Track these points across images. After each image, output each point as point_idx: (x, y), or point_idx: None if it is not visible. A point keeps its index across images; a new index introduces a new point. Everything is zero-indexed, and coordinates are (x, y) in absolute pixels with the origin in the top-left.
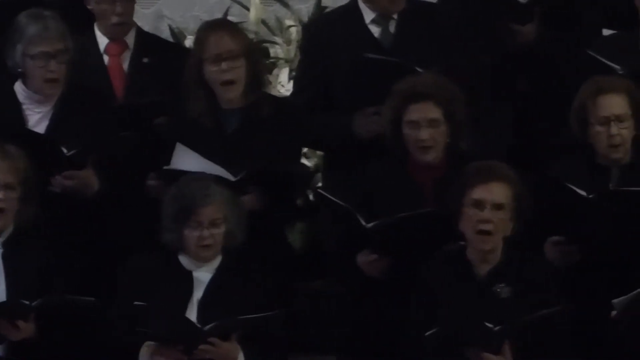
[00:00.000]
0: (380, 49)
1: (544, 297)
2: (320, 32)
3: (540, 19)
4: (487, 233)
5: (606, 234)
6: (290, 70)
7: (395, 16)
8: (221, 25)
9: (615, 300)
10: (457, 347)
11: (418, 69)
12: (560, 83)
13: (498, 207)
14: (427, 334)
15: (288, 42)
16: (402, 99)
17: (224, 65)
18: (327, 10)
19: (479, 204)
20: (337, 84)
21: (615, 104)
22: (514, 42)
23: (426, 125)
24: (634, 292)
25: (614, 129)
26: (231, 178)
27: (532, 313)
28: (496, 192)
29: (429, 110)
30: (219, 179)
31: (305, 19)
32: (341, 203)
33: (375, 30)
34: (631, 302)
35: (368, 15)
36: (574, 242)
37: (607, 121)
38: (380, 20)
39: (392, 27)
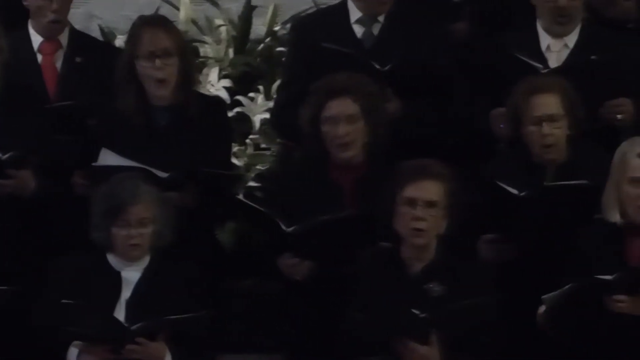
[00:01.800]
0: (361, 49)
1: (477, 294)
2: (307, 29)
3: (472, 17)
4: (420, 231)
5: (539, 231)
6: (220, 70)
7: (381, 18)
8: (157, 21)
9: (544, 296)
10: (385, 336)
11: (375, 65)
12: (493, 81)
13: (431, 204)
14: (354, 320)
15: (218, 41)
16: (320, 95)
17: (157, 62)
18: (322, 5)
19: (411, 202)
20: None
21: (548, 103)
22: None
23: (344, 121)
24: (563, 288)
25: (547, 129)
26: (161, 174)
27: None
28: (429, 189)
29: (347, 106)
30: (149, 176)
31: (235, 18)
32: (261, 209)
33: (359, 31)
34: (560, 298)
35: (354, 15)
36: (508, 239)
37: (539, 121)
38: (365, 20)
39: (376, 29)
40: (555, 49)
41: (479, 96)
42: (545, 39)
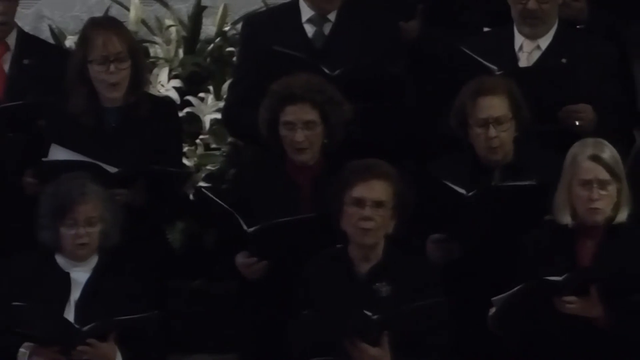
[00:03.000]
0: (311, 49)
1: (425, 294)
2: (258, 27)
3: (424, 15)
4: (368, 230)
5: (486, 231)
6: (170, 70)
7: (332, 17)
8: (110, 25)
9: (494, 298)
10: (335, 336)
11: (324, 69)
12: (444, 81)
13: (378, 204)
14: (304, 319)
15: (168, 41)
16: (278, 99)
17: (112, 67)
18: (271, 5)
19: (359, 202)
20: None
21: (494, 105)
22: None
23: (301, 127)
24: (513, 289)
25: (492, 132)
26: (112, 169)
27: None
28: (376, 189)
29: (305, 112)
30: (99, 173)
31: (185, 18)
32: (224, 205)
33: (310, 30)
34: (510, 299)
35: (306, 14)
36: (455, 239)
37: (485, 123)
38: (316, 19)
39: (327, 29)
40: (527, 50)
41: (432, 96)
42: (519, 39)
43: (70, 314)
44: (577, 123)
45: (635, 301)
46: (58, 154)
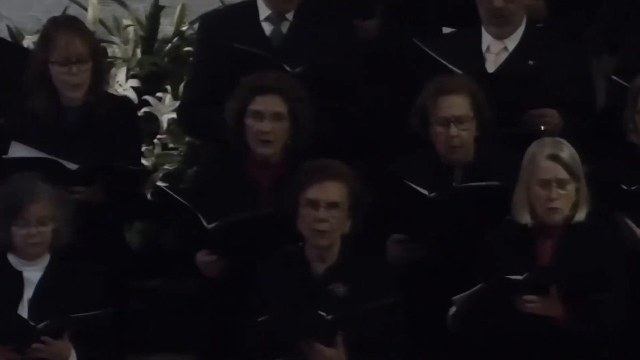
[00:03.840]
0: (270, 47)
1: (381, 294)
2: (215, 26)
3: (383, 14)
4: (322, 232)
5: (448, 231)
6: (128, 70)
7: (290, 16)
8: (71, 25)
9: (455, 297)
10: (290, 337)
11: (285, 67)
12: (404, 80)
13: (333, 205)
14: (260, 320)
15: (125, 41)
16: (249, 90)
17: (74, 69)
18: (228, 2)
19: (313, 204)
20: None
21: (455, 105)
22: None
23: (269, 118)
24: (473, 288)
25: (453, 131)
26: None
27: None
28: (330, 191)
29: (275, 103)
30: (59, 170)
31: (143, 18)
32: (184, 202)
33: (268, 29)
34: (470, 298)
35: (264, 12)
36: (416, 240)
37: (446, 122)
38: (274, 18)
39: (285, 27)
40: (495, 51)
41: (391, 94)
42: (486, 40)
43: (24, 313)
44: (542, 128)
45: (594, 300)
46: (18, 151)
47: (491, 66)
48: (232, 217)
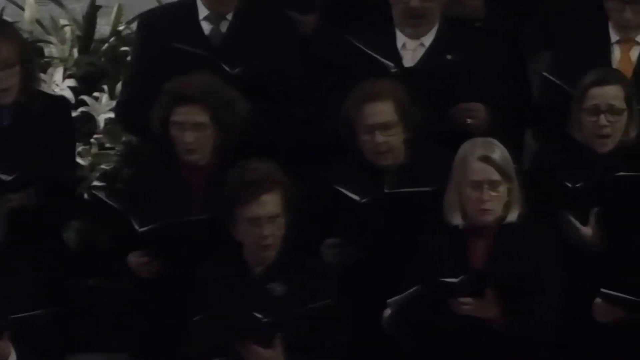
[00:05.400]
0: (208, 46)
1: (318, 296)
2: (154, 25)
3: (320, 10)
4: (267, 246)
5: (381, 234)
6: (65, 70)
7: (229, 16)
8: None
9: (390, 300)
10: (228, 338)
11: (225, 67)
12: (344, 78)
13: (273, 219)
14: (198, 321)
15: (62, 41)
16: (170, 100)
17: (0, 75)
18: (165, 3)
19: (254, 221)
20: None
21: (379, 112)
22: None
23: (191, 129)
24: (408, 291)
25: (379, 138)
26: (4, 177)
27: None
28: (268, 204)
29: (195, 114)
30: None
31: (80, 18)
32: (115, 205)
33: (207, 28)
34: (405, 300)
35: (202, 12)
36: (350, 244)
37: (372, 129)
38: (213, 17)
39: (224, 27)
40: (411, 48)
41: (327, 94)
42: (401, 37)
43: None
44: (468, 121)
45: (529, 301)
46: None
47: (408, 63)
48: (163, 221)
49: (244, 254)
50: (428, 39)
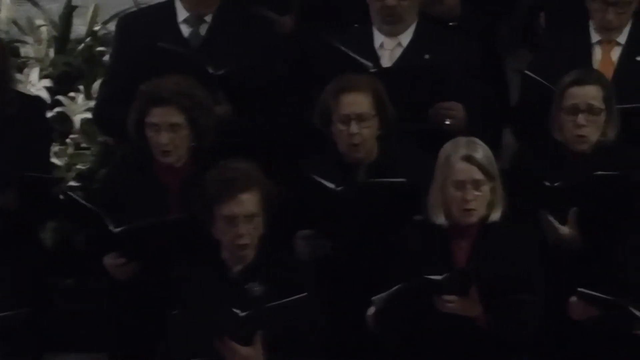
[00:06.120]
0: (187, 49)
1: (296, 293)
2: (132, 27)
3: (299, 10)
4: (243, 245)
5: (356, 227)
6: (41, 70)
7: (208, 18)
8: None
9: (374, 297)
10: (207, 336)
11: (208, 69)
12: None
13: (250, 218)
14: (176, 319)
15: (38, 41)
16: (145, 101)
17: None
18: (142, 5)
19: (231, 220)
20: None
21: (356, 102)
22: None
23: (166, 130)
24: (393, 288)
25: (354, 128)
26: None
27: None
28: (245, 203)
29: (170, 115)
30: None
31: (56, 18)
32: (90, 206)
33: (186, 31)
34: (389, 298)
35: (182, 14)
36: (324, 235)
37: (347, 120)
38: (192, 20)
39: (203, 29)
40: (389, 47)
41: (304, 93)
42: (379, 37)
43: None
44: (447, 122)
45: (513, 300)
46: None
47: (386, 62)
48: (139, 222)
49: (221, 252)
50: (405, 38)
